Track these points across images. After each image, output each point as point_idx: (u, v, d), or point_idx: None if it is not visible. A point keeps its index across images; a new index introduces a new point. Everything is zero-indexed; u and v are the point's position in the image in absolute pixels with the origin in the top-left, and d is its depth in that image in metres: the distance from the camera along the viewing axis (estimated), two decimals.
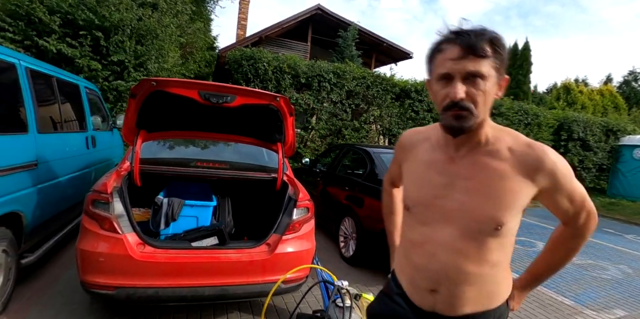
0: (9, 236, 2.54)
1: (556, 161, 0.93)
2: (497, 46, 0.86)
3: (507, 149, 0.94)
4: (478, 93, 0.86)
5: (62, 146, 3.35)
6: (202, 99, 2.33)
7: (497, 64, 0.87)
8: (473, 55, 0.84)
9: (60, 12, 5.73)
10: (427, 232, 1.01)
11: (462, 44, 0.84)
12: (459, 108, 0.87)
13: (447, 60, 0.86)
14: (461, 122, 0.88)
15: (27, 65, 2.82)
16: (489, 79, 0.86)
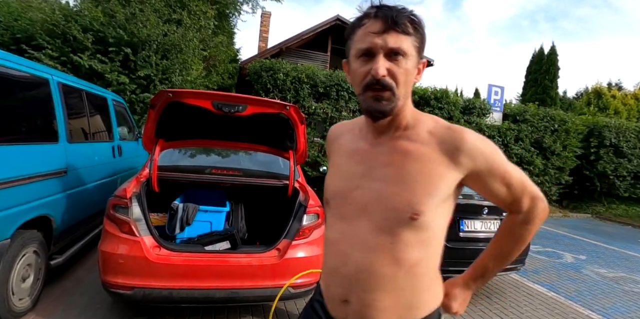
0: (39, 238, 2.72)
1: (477, 141, 0.86)
2: (417, 25, 0.82)
3: (427, 132, 0.87)
4: (400, 71, 0.80)
5: (90, 155, 3.57)
6: (215, 108, 2.45)
7: (418, 44, 0.82)
8: (395, 31, 0.79)
9: (93, 30, 6.14)
10: (344, 228, 0.90)
11: (384, 18, 0.79)
12: (380, 87, 0.80)
13: (368, 35, 0.80)
14: (382, 105, 0.81)
15: (58, 80, 3.05)
16: (411, 58, 0.81)
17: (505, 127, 9.48)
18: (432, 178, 0.84)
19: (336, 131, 1.07)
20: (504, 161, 0.90)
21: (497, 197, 0.94)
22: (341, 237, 0.90)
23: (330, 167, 1.03)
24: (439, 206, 0.85)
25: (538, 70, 17.56)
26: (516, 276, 4.46)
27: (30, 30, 5.99)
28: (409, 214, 0.82)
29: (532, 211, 0.95)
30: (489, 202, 3.95)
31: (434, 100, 8.79)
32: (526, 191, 0.94)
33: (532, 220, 0.96)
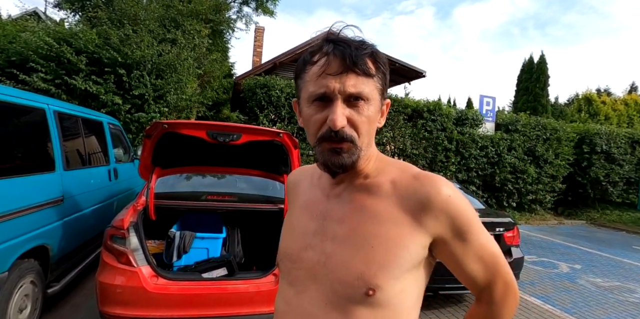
0: (36, 268, 2.73)
1: (450, 198, 0.69)
2: (379, 63, 0.70)
3: (389, 183, 0.73)
4: (362, 120, 0.68)
5: (86, 180, 3.59)
6: (210, 138, 2.51)
7: (381, 85, 0.71)
8: (355, 72, 0.66)
9: (87, 52, 6.21)
10: (291, 298, 0.75)
11: (342, 56, 0.66)
12: (339, 139, 0.67)
13: (322, 76, 0.67)
14: (341, 159, 0.69)
15: (55, 108, 3.09)
16: (373, 103, 0.69)
17: (498, 137, 9.61)
18: (390, 243, 0.68)
19: (294, 179, 0.94)
20: (480, 226, 0.73)
21: (465, 274, 0.74)
22: (287, 309, 0.75)
23: (284, 221, 0.88)
24: (403, 277, 0.68)
25: (529, 78, 17.87)
26: (525, 295, 4.50)
27: (25, 53, 6.05)
28: (363, 289, 0.66)
29: (504, 303, 0.77)
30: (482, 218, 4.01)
31: (427, 112, 8.93)
32: (499, 273, 0.75)
33: (503, 317, 0.78)
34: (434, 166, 9.04)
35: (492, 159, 9.47)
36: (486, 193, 9.63)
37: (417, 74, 14.39)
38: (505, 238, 3.87)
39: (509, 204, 9.71)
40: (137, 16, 7.28)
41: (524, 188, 9.74)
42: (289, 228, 0.83)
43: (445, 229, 0.70)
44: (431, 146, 8.95)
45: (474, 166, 9.29)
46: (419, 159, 8.89)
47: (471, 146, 9.22)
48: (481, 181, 9.53)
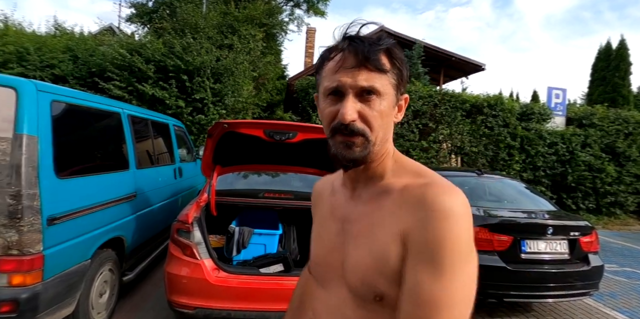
0: (113, 257, 3.00)
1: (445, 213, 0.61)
2: (395, 59, 0.70)
3: (400, 188, 0.70)
4: (373, 114, 0.68)
5: (155, 178, 3.88)
6: (267, 136, 2.58)
7: (396, 80, 0.71)
8: (367, 68, 0.67)
9: (155, 61, 6.73)
10: (323, 296, 0.77)
11: (355, 53, 0.67)
12: (349, 133, 0.67)
13: (336, 71, 0.69)
14: (352, 152, 0.68)
15: (128, 112, 3.38)
16: (387, 98, 0.69)
17: (570, 132, 8.77)
18: (382, 250, 0.66)
19: (318, 189, 0.94)
20: (450, 268, 0.59)
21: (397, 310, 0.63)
22: (322, 307, 0.77)
23: (312, 231, 0.88)
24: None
25: (606, 67, 16.08)
26: (590, 300, 4.05)
27: (103, 64, 6.72)
28: (372, 295, 0.66)
29: None
30: (552, 221, 3.66)
31: (487, 107, 8.42)
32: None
33: None
34: (495, 165, 8.49)
35: (562, 157, 8.66)
36: (556, 194, 8.82)
37: (476, 68, 13.63)
38: (581, 244, 3.50)
39: (586, 207, 8.79)
40: (197, 25, 7.74)
41: (602, 189, 8.77)
42: (317, 236, 0.85)
43: (411, 238, 0.63)
44: (492, 143, 8.41)
45: (541, 165, 8.56)
46: (478, 157, 8.41)
47: (538, 142, 8.51)
48: (550, 181, 8.76)
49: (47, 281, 2.22)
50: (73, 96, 2.62)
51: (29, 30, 8.28)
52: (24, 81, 2.24)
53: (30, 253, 2.12)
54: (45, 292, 2.20)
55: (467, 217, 0.63)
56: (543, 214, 3.79)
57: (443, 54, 13.03)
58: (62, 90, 2.57)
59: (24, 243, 2.09)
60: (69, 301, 2.44)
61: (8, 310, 2.07)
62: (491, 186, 4.35)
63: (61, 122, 2.41)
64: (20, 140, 2.12)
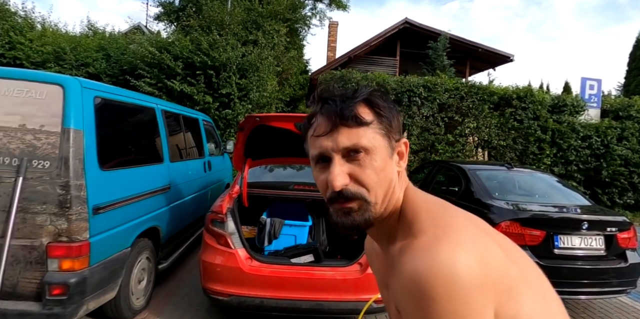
0: (150, 246, 3.14)
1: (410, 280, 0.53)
2: (377, 107, 0.65)
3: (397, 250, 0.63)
4: (366, 172, 0.63)
5: (186, 171, 4.02)
6: (298, 129, 2.62)
7: (384, 129, 0.65)
8: (347, 125, 0.63)
9: (182, 58, 6.91)
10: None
11: (329, 113, 0.64)
12: (344, 199, 0.63)
13: (317, 137, 0.65)
14: (351, 218, 0.64)
15: (162, 107, 3.51)
16: (378, 151, 0.64)
17: (605, 125, 8.40)
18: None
19: (367, 248, 0.89)
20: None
21: None
22: None
23: None
24: None
25: None
26: (626, 299, 3.91)
27: (134, 62, 6.96)
28: None
29: None
30: (588, 216, 3.55)
31: (516, 100, 8.17)
32: None
33: None
34: (524, 159, 8.25)
35: (597, 151, 8.31)
36: (589, 190, 8.49)
37: (504, 59, 13.22)
38: (619, 240, 3.38)
39: (623, 202, 8.41)
40: (223, 22, 7.88)
41: None
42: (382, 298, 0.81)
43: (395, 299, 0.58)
44: (521, 136, 8.17)
45: (574, 159, 8.25)
46: (506, 151, 8.19)
47: (570, 136, 8.20)
48: (583, 176, 8.43)
49: (93, 266, 2.36)
50: (113, 92, 2.75)
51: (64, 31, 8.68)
52: (70, 78, 2.37)
53: (78, 240, 2.26)
54: (92, 277, 2.34)
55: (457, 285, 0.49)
56: (577, 209, 3.67)
57: (469, 46, 12.71)
58: (103, 86, 2.69)
59: (72, 230, 2.23)
60: (112, 287, 2.58)
61: (59, 293, 2.22)
62: (521, 179, 4.25)
63: (103, 117, 2.54)
64: (67, 134, 2.25)
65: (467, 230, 0.57)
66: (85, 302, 2.32)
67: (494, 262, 0.53)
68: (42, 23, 8.48)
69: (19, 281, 2.22)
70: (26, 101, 2.26)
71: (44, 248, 2.20)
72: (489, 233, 0.60)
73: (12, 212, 2.14)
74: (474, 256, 0.52)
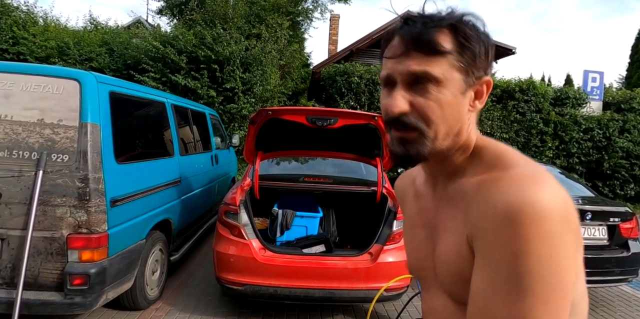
0: (163, 238, 3.21)
1: (506, 207, 0.49)
2: (462, 36, 0.58)
3: (475, 184, 0.59)
4: (429, 104, 0.58)
5: (195, 165, 4.07)
6: (309, 122, 2.67)
7: (465, 62, 0.59)
8: (420, 51, 0.58)
9: (186, 52, 6.91)
10: (428, 299, 0.72)
11: (405, 35, 0.59)
12: (401, 126, 0.60)
13: (389, 59, 0.62)
14: (406, 150, 0.61)
15: (172, 102, 3.55)
16: (450, 84, 0.59)
17: (607, 117, 8.43)
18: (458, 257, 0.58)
19: (400, 188, 0.86)
20: (518, 289, 0.47)
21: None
22: (428, 311, 0.72)
23: (403, 232, 0.84)
24: None
25: None
26: (627, 288, 4.00)
27: (138, 57, 6.96)
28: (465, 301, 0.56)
29: None
30: (591, 206, 3.61)
31: (518, 92, 8.19)
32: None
33: None
34: (526, 151, 8.30)
35: (599, 143, 8.36)
36: (591, 182, 8.56)
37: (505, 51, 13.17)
38: (621, 230, 3.44)
39: (624, 193, 8.48)
40: (226, 15, 7.85)
41: None
42: (408, 241, 0.79)
43: (479, 246, 0.53)
44: (524, 129, 8.21)
45: (575, 151, 8.31)
46: (509, 143, 8.23)
47: (573, 128, 8.24)
48: (584, 168, 8.49)
49: (112, 257, 2.43)
50: (126, 86, 2.79)
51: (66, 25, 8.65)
52: (86, 73, 2.41)
53: (97, 232, 2.32)
54: (111, 267, 2.41)
55: (554, 217, 0.47)
56: (580, 200, 3.73)
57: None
58: (117, 81, 2.73)
59: (91, 222, 2.29)
60: (129, 277, 2.65)
61: (80, 283, 2.29)
62: None
63: (117, 111, 2.59)
64: (85, 128, 2.30)
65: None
66: (104, 292, 2.39)
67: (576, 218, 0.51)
68: (44, 18, 8.45)
69: (40, 272, 2.29)
70: (44, 95, 2.31)
71: (64, 239, 2.26)
72: None
73: (33, 205, 2.20)
74: (570, 200, 0.50)
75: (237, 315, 2.92)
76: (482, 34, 0.60)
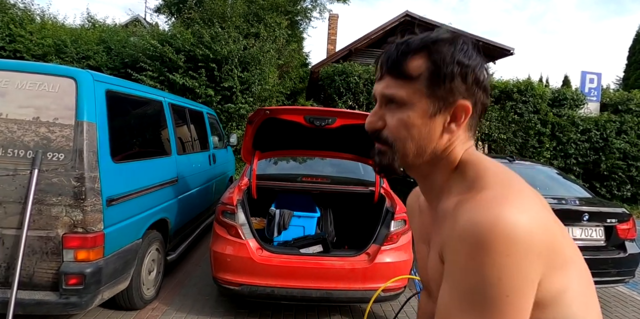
0: (159, 238, 3.19)
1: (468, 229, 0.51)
2: (438, 60, 0.60)
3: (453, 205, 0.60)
4: (395, 124, 0.62)
5: (193, 164, 4.05)
6: (307, 122, 2.66)
7: (434, 87, 0.60)
8: (389, 75, 0.63)
9: (184, 51, 6.88)
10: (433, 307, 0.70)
11: (381, 61, 0.65)
12: (376, 139, 0.66)
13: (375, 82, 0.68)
14: (381, 159, 0.66)
15: (169, 101, 3.53)
16: (415, 107, 0.61)
17: (604, 119, 8.47)
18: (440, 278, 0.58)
19: (409, 204, 0.89)
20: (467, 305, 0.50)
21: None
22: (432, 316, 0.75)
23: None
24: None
25: None
26: (624, 288, 4.01)
27: (135, 55, 6.93)
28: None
29: None
30: (588, 207, 3.61)
31: (516, 93, 8.21)
32: None
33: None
34: (524, 152, 8.33)
35: (596, 144, 8.39)
36: (588, 183, 8.59)
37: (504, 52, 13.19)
38: (618, 231, 3.45)
39: (621, 194, 8.52)
40: (224, 14, 7.82)
41: (638, 177, 8.47)
42: (417, 254, 0.81)
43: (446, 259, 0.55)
44: (521, 129, 8.23)
45: (573, 152, 8.33)
46: (507, 144, 8.26)
47: (570, 129, 8.27)
48: (582, 169, 8.52)
49: (108, 257, 2.41)
50: (123, 85, 2.77)
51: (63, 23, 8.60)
52: (82, 71, 2.39)
53: (93, 231, 2.30)
54: (107, 267, 2.39)
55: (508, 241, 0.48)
56: (577, 201, 3.74)
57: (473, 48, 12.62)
58: (114, 79, 2.71)
59: (87, 221, 2.27)
60: (125, 277, 2.64)
61: (75, 283, 2.27)
62: (523, 172, 4.28)
63: (114, 109, 2.56)
64: (81, 126, 2.28)
65: (534, 199, 0.56)
66: (100, 291, 2.37)
67: (554, 235, 0.53)
68: (41, 15, 8.41)
69: (35, 272, 2.27)
70: (39, 93, 2.29)
71: (59, 238, 2.24)
72: (550, 210, 0.58)
73: (29, 204, 2.17)
74: (538, 222, 0.51)
75: (233, 315, 2.90)
76: (462, 58, 0.60)
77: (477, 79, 0.62)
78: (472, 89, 0.62)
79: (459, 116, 0.63)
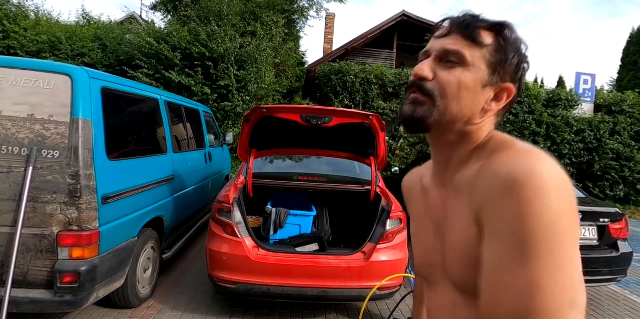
0: (155, 236, 3.18)
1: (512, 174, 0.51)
2: (503, 39, 0.62)
3: (478, 167, 0.60)
4: (449, 80, 0.61)
5: (189, 162, 4.04)
6: (303, 121, 2.66)
7: (494, 59, 0.62)
8: (458, 34, 0.62)
9: (181, 48, 6.85)
10: (434, 296, 0.71)
11: (452, 21, 0.64)
12: (417, 88, 0.63)
13: (432, 38, 0.67)
14: (413, 109, 0.63)
15: (165, 99, 3.51)
16: (472, 70, 0.61)
17: (598, 119, 8.55)
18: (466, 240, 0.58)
19: (408, 185, 0.87)
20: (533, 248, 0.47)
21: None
22: (432, 306, 0.73)
23: (410, 228, 0.84)
24: None
25: (638, 51, 15.41)
26: (616, 287, 4.06)
27: (131, 53, 6.88)
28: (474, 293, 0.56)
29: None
30: (582, 207, 3.65)
31: None
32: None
33: None
34: None
35: (590, 145, 8.47)
36: (581, 183, 8.68)
37: None
38: (611, 230, 3.49)
39: (614, 194, 8.61)
40: (221, 12, 7.80)
41: (630, 177, 8.57)
42: (415, 236, 0.80)
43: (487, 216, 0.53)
44: (516, 130, 8.29)
45: (567, 153, 8.41)
46: None
47: (564, 130, 8.34)
48: (576, 170, 8.60)
49: (103, 255, 2.40)
50: (119, 82, 2.75)
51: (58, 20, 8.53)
52: (78, 69, 2.37)
53: (88, 229, 2.29)
54: (102, 265, 2.38)
55: (555, 184, 0.49)
56: None
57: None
58: (110, 77, 2.70)
59: (82, 219, 2.26)
60: (120, 275, 2.63)
61: (70, 281, 2.26)
62: None
63: (110, 107, 2.55)
64: (77, 124, 2.26)
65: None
66: (95, 290, 2.36)
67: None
68: (35, 12, 8.33)
69: (29, 270, 2.25)
70: (34, 90, 2.27)
71: (54, 236, 2.23)
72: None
73: (23, 201, 2.16)
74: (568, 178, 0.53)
75: (229, 314, 2.90)
76: (520, 46, 0.64)
77: (524, 71, 0.65)
78: (518, 78, 0.65)
79: (502, 96, 0.64)
